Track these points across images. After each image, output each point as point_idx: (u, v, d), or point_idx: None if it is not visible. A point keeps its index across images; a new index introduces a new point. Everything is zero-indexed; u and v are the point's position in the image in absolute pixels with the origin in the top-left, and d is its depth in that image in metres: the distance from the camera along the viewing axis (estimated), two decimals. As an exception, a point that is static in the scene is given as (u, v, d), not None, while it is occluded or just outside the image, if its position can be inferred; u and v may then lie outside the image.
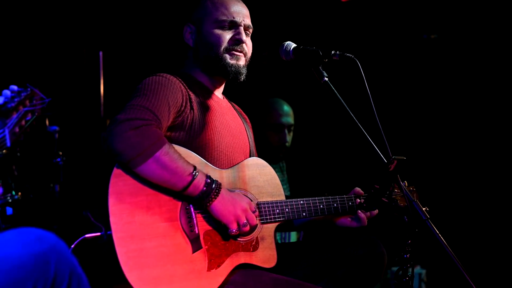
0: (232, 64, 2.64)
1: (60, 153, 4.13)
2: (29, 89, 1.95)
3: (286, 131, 4.08)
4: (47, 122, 4.12)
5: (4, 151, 1.92)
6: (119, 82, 4.67)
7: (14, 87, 1.90)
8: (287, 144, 4.09)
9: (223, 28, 2.65)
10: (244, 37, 2.66)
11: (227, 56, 2.65)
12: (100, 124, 4.55)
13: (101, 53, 4.49)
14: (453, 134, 5.39)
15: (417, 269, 4.83)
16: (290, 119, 4.10)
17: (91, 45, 4.52)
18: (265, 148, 3.94)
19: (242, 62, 2.67)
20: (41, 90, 1.95)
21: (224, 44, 2.65)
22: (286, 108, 4.13)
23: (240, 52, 2.67)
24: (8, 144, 1.86)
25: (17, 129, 1.91)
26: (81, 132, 4.55)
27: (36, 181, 4.14)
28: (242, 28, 2.67)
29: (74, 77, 4.46)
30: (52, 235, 1.68)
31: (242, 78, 2.67)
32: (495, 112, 5.23)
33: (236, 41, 2.65)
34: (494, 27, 5.27)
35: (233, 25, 2.66)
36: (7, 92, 1.89)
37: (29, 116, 1.94)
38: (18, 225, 3.54)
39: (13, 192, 3.66)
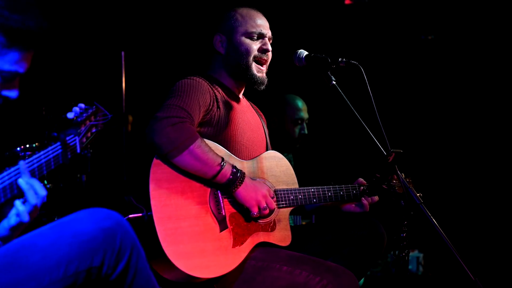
0: (258, 77, 2.94)
1: (88, 145, 4.40)
2: (94, 106, 2.19)
3: (304, 124, 4.36)
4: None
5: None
6: (139, 80, 4.85)
7: (82, 105, 2.13)
8: (305, 135, 4.36)
9: (252, 38, 2.93)
10: (270, 47, 2.95)
11: (254, 67, 2.93)
12: (122, 119, 4.80)
13: (123, 53, 4.66)
14: (450, 131, 5.61)
15: (415, 253, 5.09)
16: (306, 114, 4.38)
17: (114, 46, 4.69)
18: (285, 139, 4.23)
19: (264, 74, 2.96)
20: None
21: (254, 52, 2.92)
22: (302, 104, 4.39)
23: (266, 61, 2.95)
24: (78, 150, 2.10)
25: (84, 140, 2.14)
26: (106, 127, 4.80)
27: (65, 172, 4.39)
28: (267, 39, 2.96)
29: (99, 75, 4.65)
30: (117, 214, 1.93)
31: (263, 88, 2.96)
32: (488, 109, 5.44)
33: (263, 51, 2.93)
34: (488, 28, 5.44)
35: (260, 36, 2.94)
36: (76, 109, 2.11)
37: (94, 129, 2.19)
38: (51, 212, 3.81)
39: (45, 182, 3.94)
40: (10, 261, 1.78)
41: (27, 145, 2.03)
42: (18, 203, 1.90)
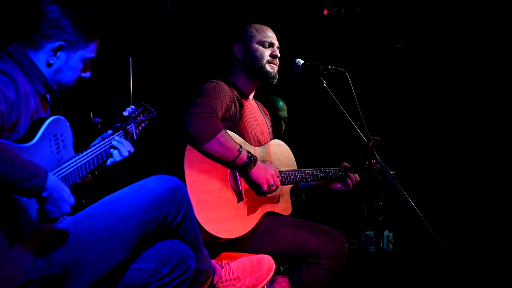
0: (271, 72, 3.40)
1: (141, 135, 4.75)
2: (142, 106, 2.71)
3: (282, 122, 4.76)
4: (91, 115, 4.77)
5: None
6: (145, 83, 5.17)
7: (132, 106, 2.67)
8: (282, 132, 4.76)
9: (264, 46, 3.40)
10: (278, 53, 3.43)
11: (268, 66, 3.40)
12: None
13: (130, 59, 4.96)
14: (414, 122, 5.97)
15: (386, 232, 5.38)
16: (285, 113, 4.79)
17: (122, 52, 4.98)
18: None
19: (276, 70, 3.42)
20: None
21: (266, 58, 3.38)
22: (282, 104, 4.81)
23: (276, 64, 3.42)
24: (135, 137, 2.64)
25: (137, 131, 2.66)
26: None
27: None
28: (276, 47, 3.44)
29: (110, 79, 4.97)
30: (177, 178, 2.42)
31: (275, 81, 3.43)
32: (449, 107, 5.81)
33: (274, 56, 3.40)
34: (450, 37, 5.75)
35: (271, 45, 3.41)
36: (129, 109, 2.65)
37: (143, 124, 2.71)
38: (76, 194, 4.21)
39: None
40: (104, 212, 2.31)
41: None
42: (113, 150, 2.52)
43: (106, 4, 4.93)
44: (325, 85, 3.21)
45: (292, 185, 3.45)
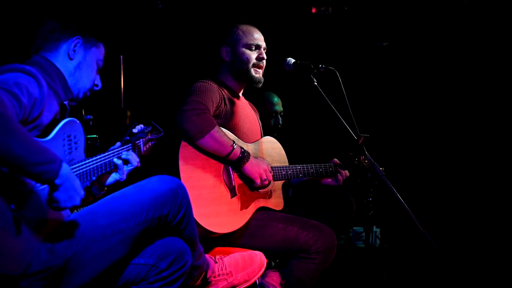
0: (256, 77, 3.46)
1: (96, 136, 4.89)
2: (151, 126, 2.82)
3: (279, 116, 4.83)
4: (83, 112, 4.82)
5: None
6: (135, 80, 5.28)
7: (142, 125, 2.79)
8: (279, 126, 4.82)
9: (251, 49, 3.44)
10: (265, 56, 3.50)
11: (253, 70, 3.44)
12: (120, 113, 5.14)
13: (121, 56, 5.06)
14: (401, 123, 6.08)
15: (373, 228, 5.17)
16: (281, 107, 4.85)
17: (114, 50, 5.01)
18: (263, 129, 4.34)
19: (261, 75, 3.47)
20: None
21: (253, 61, 3.43)
22: (277, 99, 4.86)
23: (262, 67, 3.48)
24: (142, 153, 2.75)
25: (145, 148, 2.77)
26: (107, 120, 5.10)
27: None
28: (262, 49, 3.50)
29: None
30: (179, 179, 2.48)
31: (260, 85, 3.50)
32: (439, 106, 5.95)
33: (260, 59, 3.46)
34: (437, 35, 5.89)
35: (257, 47, 3.46)
36: (138, 127, 2.76)
37: (150, 143, 2.82)
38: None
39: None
40: (107, 209, 2.36)
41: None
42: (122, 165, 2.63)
43: (99, 2, 5.08)
44: (315, 83, 3.23)
45: (283, 181, 3.50)
